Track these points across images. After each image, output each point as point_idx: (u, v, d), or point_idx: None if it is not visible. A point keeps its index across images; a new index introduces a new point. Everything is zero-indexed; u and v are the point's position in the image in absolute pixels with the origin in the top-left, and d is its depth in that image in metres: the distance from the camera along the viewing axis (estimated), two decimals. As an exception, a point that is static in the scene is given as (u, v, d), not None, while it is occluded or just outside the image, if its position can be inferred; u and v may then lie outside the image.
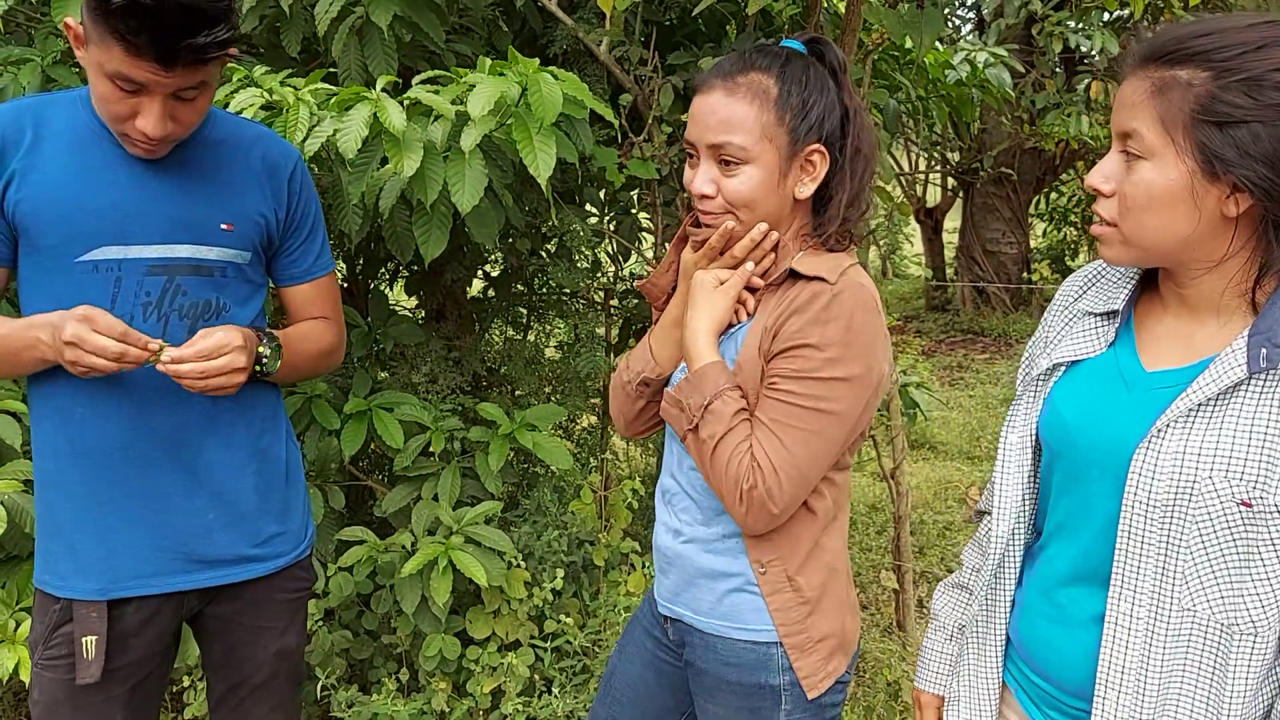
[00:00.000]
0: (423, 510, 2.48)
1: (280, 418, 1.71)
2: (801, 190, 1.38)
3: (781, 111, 1.33)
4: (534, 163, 1.84)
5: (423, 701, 2.44)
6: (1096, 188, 1.07)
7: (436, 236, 2.08)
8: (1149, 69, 1.03)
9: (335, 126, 1.88)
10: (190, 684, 2.45)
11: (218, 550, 1.59)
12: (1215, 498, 1.01)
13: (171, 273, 1.50)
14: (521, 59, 1.91)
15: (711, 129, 1.34)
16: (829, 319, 1.30)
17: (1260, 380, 1.01)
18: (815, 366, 1.30)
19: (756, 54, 1.36)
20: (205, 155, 1.54)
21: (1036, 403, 1.23)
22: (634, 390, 1.53)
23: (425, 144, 1.93)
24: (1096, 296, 1.22)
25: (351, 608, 2.62)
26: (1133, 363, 1.14)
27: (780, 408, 1.31)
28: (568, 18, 2.60)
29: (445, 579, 2.27)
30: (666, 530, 1.52)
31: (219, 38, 1.31)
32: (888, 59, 3.25)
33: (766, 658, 1.41)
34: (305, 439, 2.53)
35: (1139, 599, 1.08)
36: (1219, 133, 0.98)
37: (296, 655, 1.75)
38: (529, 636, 2.55)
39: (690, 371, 1.37)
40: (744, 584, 1.41)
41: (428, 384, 2.73)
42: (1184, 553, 1.04)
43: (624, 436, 1.61)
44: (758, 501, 1.30)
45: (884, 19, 2.39)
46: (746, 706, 1.43)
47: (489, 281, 3.41)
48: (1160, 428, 1.06)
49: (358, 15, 2.30)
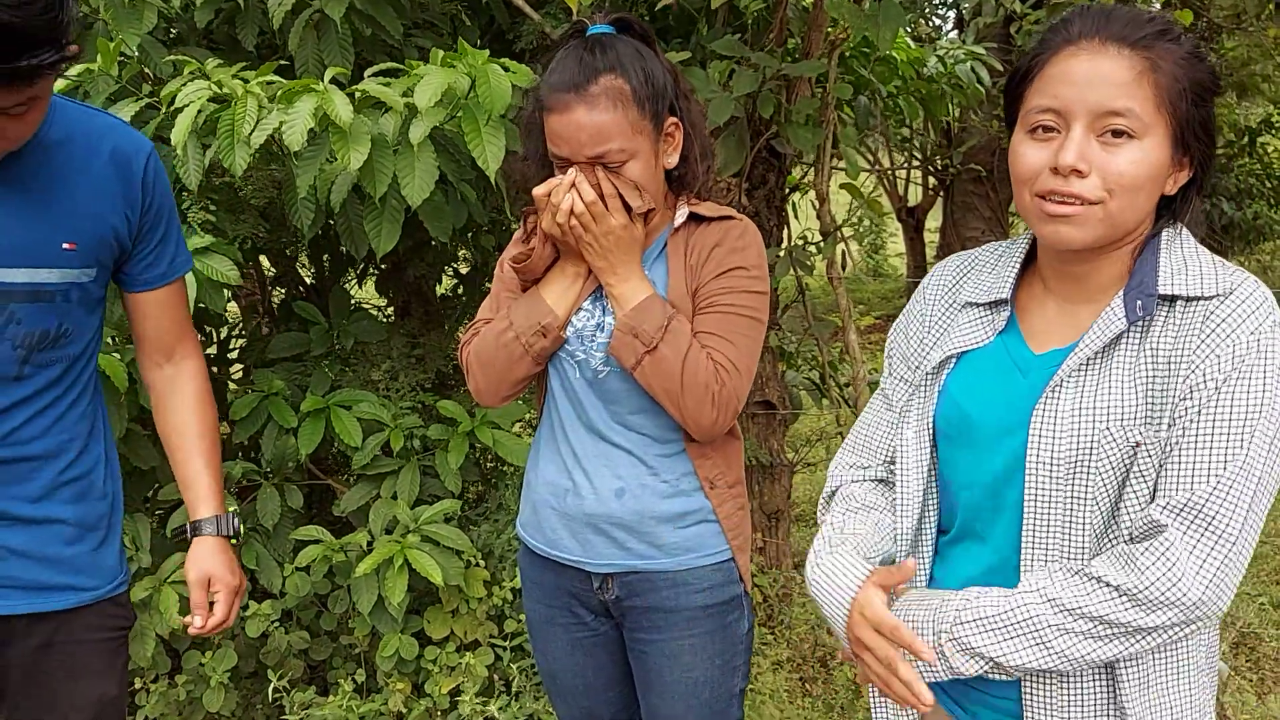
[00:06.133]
0: (381, 509, 2.45)
1: (98, 441, 1.57)
2: (669, 161, 1.51)
3: (641, 104, 1.42)
4: (482, 154, 1.82)
5: (380, 702, 2.41)
6: (1076, 168, 1.04)
7: (388, 231, 2.05)
8: (1122, 48, 1.04)
9: (281, 119, 1.85)
10: (144, 686, 2.42)
11: (10, 574, 1.43)
12: (1113, 445, 1.06)
13: (5, 300, 1.37)
14: (471, 50, 1.89)
15: (585, 145, 1.41)
16: (745, 246, 1.52)
17: (1138, 330, 1.08)
18: (746, 284, 1.50)
19: (590, 55, 1.42)
20: (45, 164, 1.39)
21: (931, 395, 1.23)
22: (526, 341, 1.51)
23: (375, 137, 1.91)
24: (977, 287, 1.23)
25: (310, 608, 2.59)
26: (1022, 348, 1.17)
27: (727, 319, 1.48)
28: (534, 12, 2.58)
29: (401, 578, 2.25)
30: (598, 495, 1.54)
31: (44, 61, 1.18)
32: (859, 55, 3.23)
33: (729, 571, 1.58)
34: (263, 438, 2.50)
35: (1050, 556, 1.11)
36: (1195, 110, 1.05)
37: (116, 707, 1.57)
38: (488, 636, 2.52)
39: (633, 305, 1.46)
40: (704, 516, 1.56)
41: (388, 381, 2.70)
42: (1090, 505, 1.08)
43: (489, 405, 1.61)
44: (726, 400, 1.46)
45: (846, 14, 2.37)
46: (720, 625, 1.58)
47: (459, 279, 3.38)
48: (1054, 386, 1.10)
49: (314, 9, 2.28)
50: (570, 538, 1.58)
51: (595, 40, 1.43)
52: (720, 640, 1.59)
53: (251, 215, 2.40)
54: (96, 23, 2.38)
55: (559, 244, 1.51)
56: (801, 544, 3.87)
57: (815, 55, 2.74)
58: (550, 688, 1.74)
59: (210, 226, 2.28)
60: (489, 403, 1.61)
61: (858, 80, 3.16)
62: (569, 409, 1.57)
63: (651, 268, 1.53)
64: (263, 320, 3.22)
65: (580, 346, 1.53)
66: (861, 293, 9.69)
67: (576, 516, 1.56)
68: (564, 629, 1.66)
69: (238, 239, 2.35)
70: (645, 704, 1.65)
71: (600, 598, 1.60)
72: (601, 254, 1.46)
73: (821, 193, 2.89)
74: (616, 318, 1.47)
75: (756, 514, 3.21)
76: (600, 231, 1.44)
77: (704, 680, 1.59)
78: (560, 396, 1.58)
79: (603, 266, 1.47)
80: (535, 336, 1.50)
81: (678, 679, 1.59)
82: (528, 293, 1.55)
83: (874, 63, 3.26)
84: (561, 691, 1.72)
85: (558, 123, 1.41)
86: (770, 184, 3.02)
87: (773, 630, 3.14)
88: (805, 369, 3.35)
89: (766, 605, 3.18)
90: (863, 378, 2.98)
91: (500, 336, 1.53)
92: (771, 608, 3.19)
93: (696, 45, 2.85)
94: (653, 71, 1.44)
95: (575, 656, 1.67)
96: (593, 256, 1.47)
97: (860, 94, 3.24)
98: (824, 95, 2.74)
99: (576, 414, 1.56)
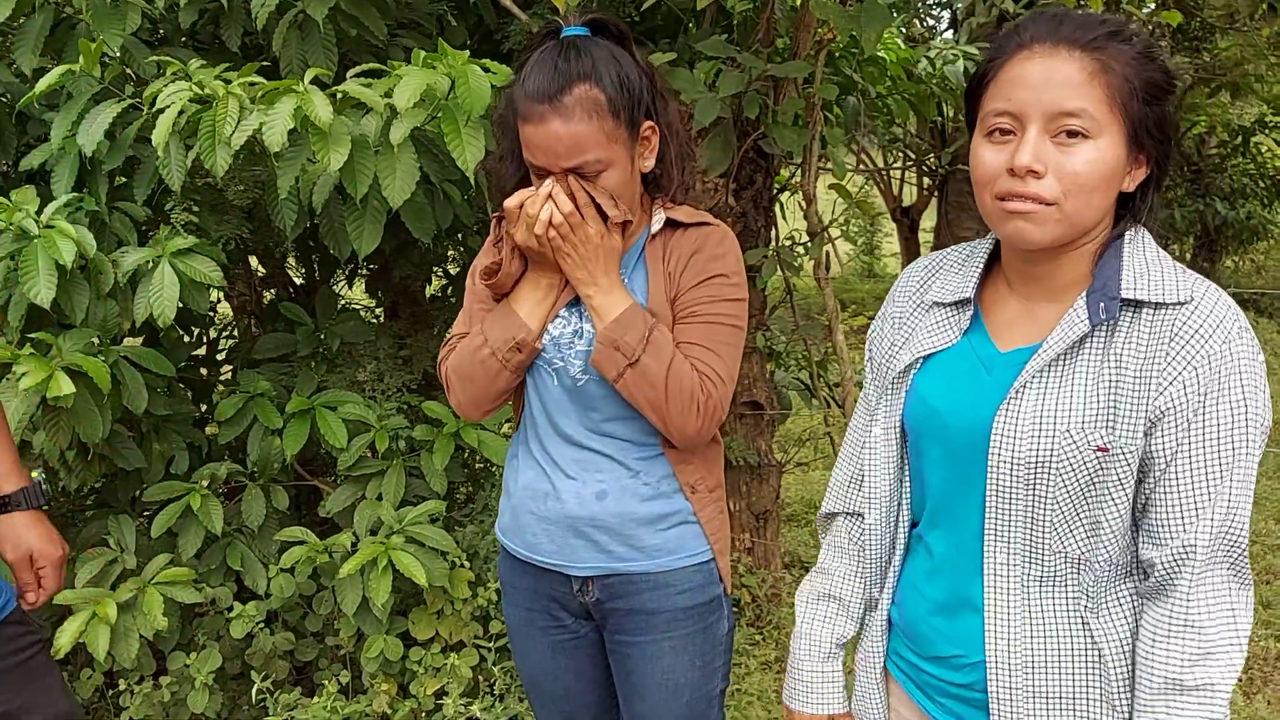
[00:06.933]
0: (365, 510, 2.45)
1: None
2: (646, 164, 1.49)
3: (616, 112, 1.40)
4: (461, 155, 1.82)
5: (365, 703, 2.41)
6: (1032, 169, 1.05)
7: (370, 231, 2.05)
8: (1074, 50, 1.05)
9: (261, 120, 1.85)
10: (128, 687, 2.42)
11: None
12: (1075, 449, 1.07)
13: None
14: (451, 51, 1.89)
15: (563, 156, 1.40)
16: (724, 253, 1.50)
17: (1101, 332, 1.09)
18: (727, 292, 1.49)
19: (564, 62, 1.39)
20: None
21: (899, 396, 1.25)
22: (503, 357, 1.50)
23: (355, 137, 1.90)
24: (943, 287, 1.24)
25: (295, 609, 2.59)
26: (987, 346, 1.18)
27: (710, 329, 1.48)
28: (522, 13, 2.58)
29: (385, 579, 2.25)
30: (579, 499, 1.53)
31: None
32: (847, 56, 3.23)
33: (710, 572, 1.58)
34: (248, 438, 2.50)
35: (1013, 549, 1.14)
36: (1148, 108, 1.06)
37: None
38: (473, 637, 2.52)
39: (613, 318, 1.44)
40: (685, 518, 1.56)
41: (374, 382, 2.70)
42: (1051, 504, 1.10)
43: (473, 420, 1.61)
44: (711, 410, 1.46)
45: (830, 14, 2.37)
46: (700, 627, 1.58)
47: (449, 280, 3.38)
48: (1016, 390, 1.11)
49: (297, 10, 2.28)
50: (550, 541, 1.57)
51: (570, 44, 1.41)
52: (700, 642, 1.59)
53: (236, 216, 2.39)
54: (79, 23, 2.38)
55: (530, 255, 1.49)
56: (790, 544, 3.88)
57: (803, 56, 2.74)
58: (531, 692, 1.73)
59: (193, 227, 2.28)
60: (472, 416, 1.60)
61: (845, 81, 3.16)
62: (547, 416, 1.56)
63: (630, 275, 1.52)
64: (251, 321, 3.22)
65: (558, 354, 1.52)
66: (855, 293, 9.69)
67: (557, 520, 1.55)
68: (544, 633, 1.65)
69: (221, 239, 2.35)
70: (625, 707, 1.65)
71: (581, 600, 1.60)
72: (580, 264, 1.44)
73: (808, 193, 2.89)
74: (597, 330, 1.45)
75: (745, 514, 3.21)
76: (578, 241, 1.42)
77: (684, 682, 1.59)
78: (537, 404, 1.57)
79: (581, 278, 1.45)
80: (511, 352, 1.49)
81: (658, 681, 1.59)
82: (500, 306, 1.53)
83: (862, 63, 3.26)
84: (542, 696, 1.71)
85: (533, 134, 1.40)
86: (758, 185, 3.02)
87: (761, 631, 3.14)
88: (794, 369, 3.35)
89: (755, 605, 3.18)
90: (851, 378, 2.98)
91: (477, 353, 1.51)
92: (760, 608, 3.19)
93: (684, 45, 2.85)
94: (628, 76, 1.41)
95: (556, 660, 1.66)
96: (571, 267, 1.45)
97: (848, 94, 3.24)
98: (810, 96, 2.74)
99: (555, 420, 1.55)
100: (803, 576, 3.64)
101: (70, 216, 2.15)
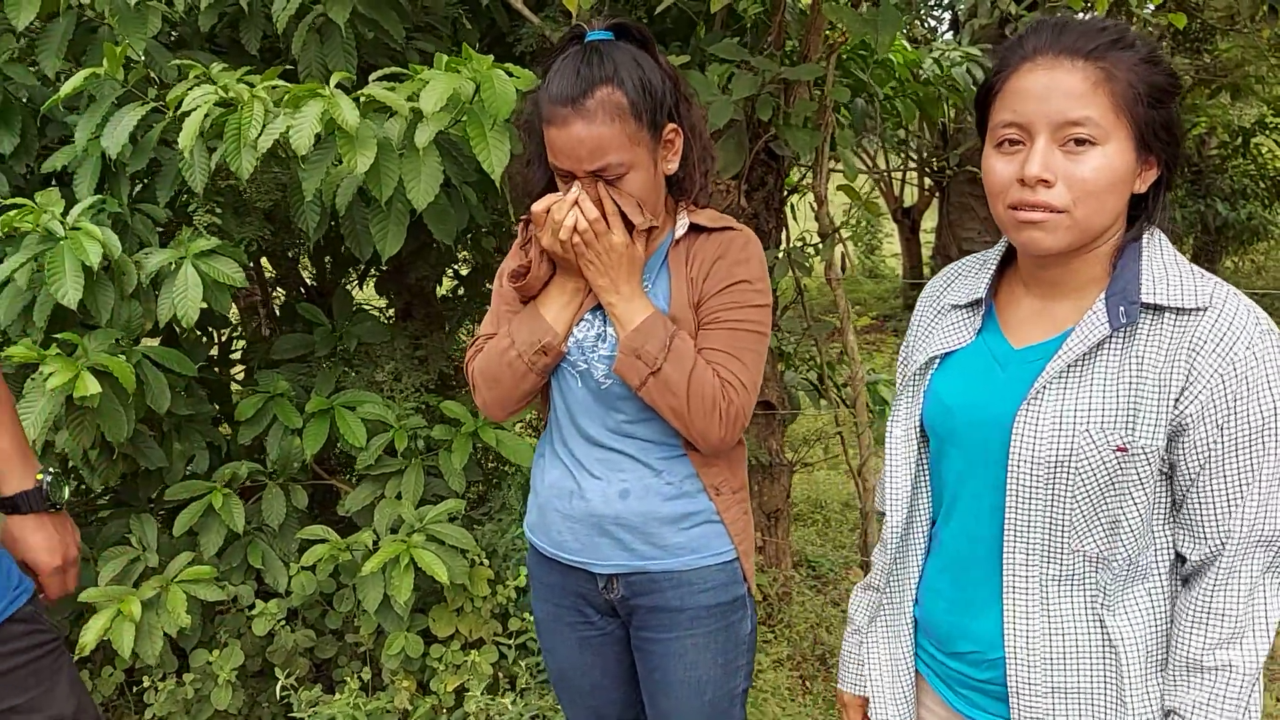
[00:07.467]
0: (385, 509, 2.47)
1: None
2: (669, 167, 1.51)
3: (638, 115, 1.42)
4: (487, 159, 1.84)
5: (386, 700, 2.43)
6: (1041, 178, 1.08)
7: (394, 234, 2.08)
8: (1076, 60, 1.07)
9: (288, 123, 1.87)
10: (151, 684, 2.44)
11: None
12: (1094, 449, 1.09)
13: None
14: (476, 55, 1.91)
15: (585, 159, 1.41)
16: (747, 258, 1.51)
17: (1121, 336, 1.11)
18: (751, 298, 1.50)
19: (586, 67, 1.41)
20: None
21: (918, 396, 1.28)
22: (529, 359, 1.52)
23: (380, 140, 1.93)
24: (959, 290, 1.28)
25: (315, 607, 2.61)
26: (1001, 344, 1.21)
27: (734, 335, 1.49)
28: (534, 16, 2.60)
29: (407, 577, 2.27)
30: (603, 497, 1.55)
31: None
32: (856, 58, 3.26)
33: (733, 571, 1.60)
34: (268, 438, 2.52)
35: (1032, 548, 1.16)
36: (1154, 112, 1.08)
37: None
38: (493, 634, 2.54)
39: (635, 326, 1.45)
40: (708, 517, 1.57)
41: (392, 382, 2.72)
42: (1070, 502, 1.12)
43: (497, 420, 1.63)
44: (734, 417, 1.47)
45: (844, 18, 2.40)
46: (723, 625, 1.60)
47: (460, 280, 3.40)
48: (1037, 390, 1.13)
49: (317, 13, 2.30)
50: (575, 539, 1.59)
51: (593, 48, 1.43)
52: (723, 640, 1.61)
53: (256, 218, 2.42)
54: (102, 27, 2.40)
55: (557, 259, 1.51)
56: (800, 543, 3.90)
57: (814, 58, 2.76)
58: (559, 687, 1.76)
59: (215, 229, 2.30)
60: (497, 417, 1.61)
61: (855, 83, 3.19)
62: (570, 417, 1.58)
63: (654, 280, 1.54)
64: (263, 322, 3.24)
65: (581, 357, 1.54)
66: (858, 293, 9.71)
67: (582, 518, 1.57)
68: (572, 628, 1.68)
69: (243, 241, 2.37)
70: (649, 703, 1.67)
71: (606, 597, 1.62)
72: (602, 272, 1.46)
73: (820, 194, 2.91)
74: (619, 338, 1.47)
75: (757, 513, 3.24)
76: (602, 249, 1.44)
77: (707, 680, 1.61)
78: (561, 405, 1.59)
79: (604, 285, 1.47)
80: (536, 355, 1.52)
81: (681, 678, 1.61)
82: (527, 309, 1.55)
83: (872, 65, 3.29)
84: (570, 690, 1.74)
85: (556, 136, 1.42)
86: (769, 186, 3.04)
87: (773, 629, 3.16)
88: (804, 369, 3.38)
89: (766, 604, 3.20)
90: (861, 378, 3.01)
91: (504, 355, 1.54)
92: (771, 606, 3.21)
93: (695, 48, 2.87)
94: (650, 79, 1.43)
95: (584, 655, 1.69)
96: (593, 274, 1.47)
97: (857, 96, 3.27)
98: (821, 98, 2.77)
99: (578, 422, 1.57)
100: (810, 576, 3.68)
101: (93, 218, 2.17)
